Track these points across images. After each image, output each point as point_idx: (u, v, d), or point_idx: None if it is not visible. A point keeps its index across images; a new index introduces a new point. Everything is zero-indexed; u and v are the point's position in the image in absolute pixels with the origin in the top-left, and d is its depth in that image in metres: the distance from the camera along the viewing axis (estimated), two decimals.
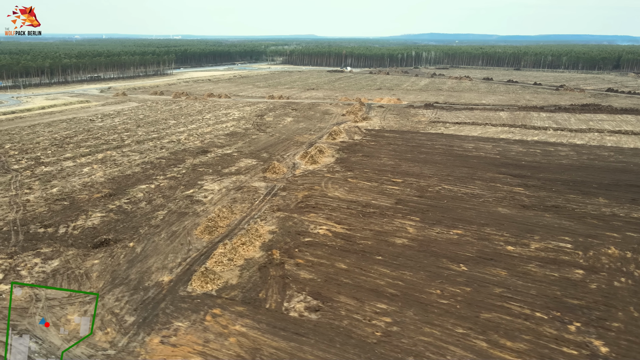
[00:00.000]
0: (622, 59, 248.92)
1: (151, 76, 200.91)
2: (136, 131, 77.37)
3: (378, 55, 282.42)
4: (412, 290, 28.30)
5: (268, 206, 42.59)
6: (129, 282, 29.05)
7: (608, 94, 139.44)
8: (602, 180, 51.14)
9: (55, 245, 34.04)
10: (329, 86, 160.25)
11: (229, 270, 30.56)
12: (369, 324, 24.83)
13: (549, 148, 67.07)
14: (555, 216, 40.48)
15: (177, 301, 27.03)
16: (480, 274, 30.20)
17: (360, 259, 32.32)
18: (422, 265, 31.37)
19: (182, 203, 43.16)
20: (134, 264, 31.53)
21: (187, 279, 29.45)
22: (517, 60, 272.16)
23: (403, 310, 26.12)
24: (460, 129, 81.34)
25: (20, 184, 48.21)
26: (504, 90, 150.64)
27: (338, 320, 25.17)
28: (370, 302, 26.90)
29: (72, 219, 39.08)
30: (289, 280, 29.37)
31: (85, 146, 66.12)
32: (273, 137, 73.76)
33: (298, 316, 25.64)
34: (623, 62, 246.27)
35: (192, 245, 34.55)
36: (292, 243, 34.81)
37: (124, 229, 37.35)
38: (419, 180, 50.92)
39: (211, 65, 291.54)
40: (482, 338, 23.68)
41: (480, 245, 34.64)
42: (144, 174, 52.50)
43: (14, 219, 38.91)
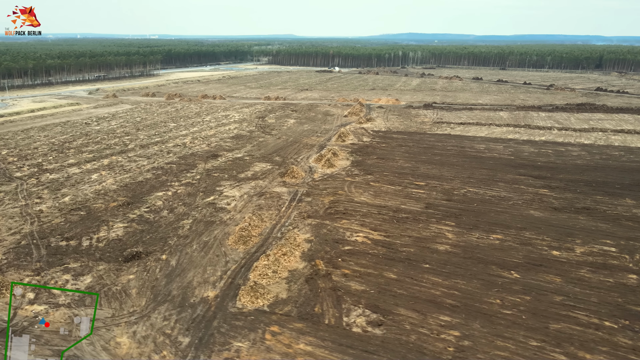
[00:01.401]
0: (604, 58, 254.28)
1: (137, 77, 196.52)
2: (137, 135, 74.86)
3: (365, 55, 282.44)
4: (471, 300, 27.33)
5: (296, 213, 41.18)
6: (173, 299, 27.36)
7: (598, 93, 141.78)
8: (622, 180, 51.21)
9: (82, 260, 32.03)
10: (321, 86, 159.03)
11: (275, 284, 29.11)
12: (439, 339, 23.74)
13: (560, 148, 67.21)
14: (589, 218, 40.12)
15: (229, 319, 25.48)
16: (535, 281, 29.44)
17: (407, 268, 31.23)
18: (472, 273, 30.45)
19: (205, 211, 41.41)
20: (172, 278, 29.81)
21: (234, 294, 27.91)
22: (502, 60, 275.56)
23: (468, 323, 25.11)
24: (467, 130, 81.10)
25: (29, 193, 45.70)
26: (496, 90, 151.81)
27: (405, 335, 24.01)
28: (432, 315, 25.82)
29: (94, 230, 37.00)
30: (341, 293, 28.08)
31: (87, 151, 63.48)
32: (281, 140, 72.20)
33: (362, 332, 24.39)
34: (605, 61, 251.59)
35: (229, 256, 32.95)
36: (332, 252, 33.52)
37: (151, 240, 35.49)
38: (442, 183, 50.14)
39: (196, 66, 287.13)
40: (559, 351, 22.82)
41: (525, 250, 33.93)
42: (157, 181, 50.45)
43: (31, 232, 36.65)
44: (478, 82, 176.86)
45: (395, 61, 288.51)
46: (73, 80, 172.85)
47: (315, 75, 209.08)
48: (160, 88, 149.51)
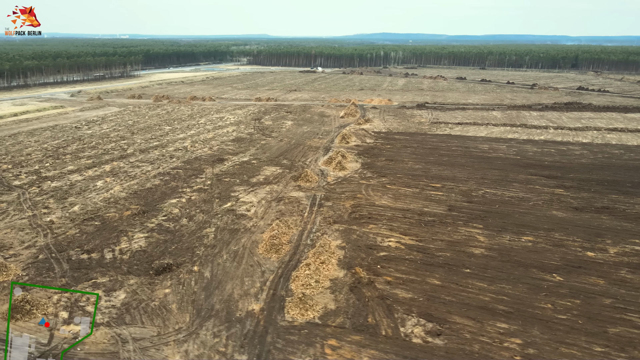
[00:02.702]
0: (579, 58, 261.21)
1: (117, 78, 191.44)
2: (133, 139, 72.46)
3: (347, 55, 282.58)
4: (522, 305, 26.98)
5: (320, 218, 40.25)
6: (218, 314, 26.10)
7: (581, 92, 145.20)
8: (631, 179, 52.11)
9: (110, 274, 30.37)
10: (309, 87, 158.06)
11: (320, 294, 28.15)
12: (502, 347, 23.26)
13: (561, 147, 68.16)
14: (611, 218, 40.51)
15: (282, 333, 24.42)
16: (579, 284, 29.34)
17: (449, 273, 30.73)
18: (516, 277, 30.16)
19: (226, 218, 40.05)
20: (211, 291, 28.51)
21: (280, 306, 26.84)
22: (481, 59, 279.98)
23: (527, 329, 24.73)
24: (466, 130, 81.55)
25: (33, 203, 43.39)
26: (482, 89, 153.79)
27: (468, 345, 23.45)
28: (488, 322, 25.34)
29: (114, 242, 35.26)
30: (390, 302, 27.34)
31: (85, 157, 60.97)
32: (283, 143, 71.01)
33: (423, 342, 23.71)
34: (580, 61, 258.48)
35: (263, 266, 31.80)
36: (369, 259, 32.76)
37: (177, 250, 34.00)
38: (458, 184, 49.99)
39: (175, 66, 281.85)
40: (624, 356, 22.62)
41: (559, 252, 33.89)
42: (167, 187, 48.71)
43: (47, 245, 34.64)
44: (463, 82, 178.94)
45: (377, 61, 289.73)
46: (51, 82, 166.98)
47: (300, 76, 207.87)
48: (145, 89, 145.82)
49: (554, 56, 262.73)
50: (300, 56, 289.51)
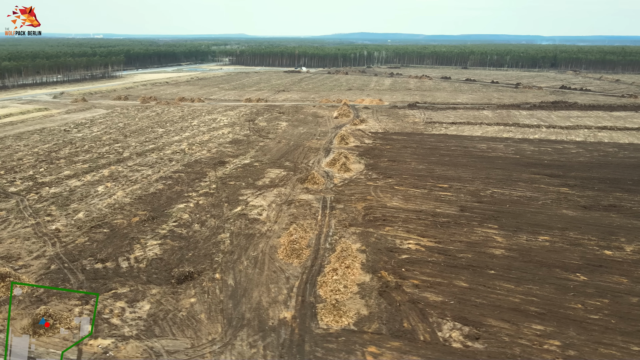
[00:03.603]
0: (558, 57, 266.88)
1: (99, 79, 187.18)
2: (127, 142, 70.69)
3: (331, 55, 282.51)
4: (553, 306, 27.06)
5: (335, 221, 39.80)
6: (250, 323, 25.41)
7: (564, 91, 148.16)
8: (631, 177, 53.16)
9: (129, 284, 29.34)
10: (297, 87, 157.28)
11: (350, 299, 27.72)
12: (543, 350, 23.23)
13: (557, 146, 69.23)
14: (620, 216, 41.18)
15: (320, 341, 23.91)
16: (604, 283, 29.63)
17: (474, 275, 30.68)
18: (541, 278, 30.28)
19: (239, 223, 39.24)
20: (238, 299, 27.78)
21: (312, 313, 26.32)
22: (463, 59, 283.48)
23: (563, 331, 24.79)
24: (461, 130, 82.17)
25: (35, 211, 41.76)
26: (468, 89, 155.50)
27: (508, 348, 23.34)
28: (523, 324, 25.31)
29: (127, 250, 34.13)
30: (422, 306, 27.09)
31: (80, 161, 59.15)
32: (282, 144, 70.27)
33: (463, 347, 23.51)
34: (559, 60, 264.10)
35: (287, 272, 31.19)
36: (391, 262, 32.47)
37: (195, 257, 33.10)
38: (464, 184, 50.18)
39: (156, 67, 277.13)
40: None
41: (578, 251, 34.22)
42: (171, 192, 47.54)
43: (57, 254, 33.31)
44: (448, 82, 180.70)
45: (361, 61, 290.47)
46: (30, 83, 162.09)
47: (286, 76, 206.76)
48: (130, 91, 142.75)
49: (533, 56, 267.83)
50: (283, 56, 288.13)
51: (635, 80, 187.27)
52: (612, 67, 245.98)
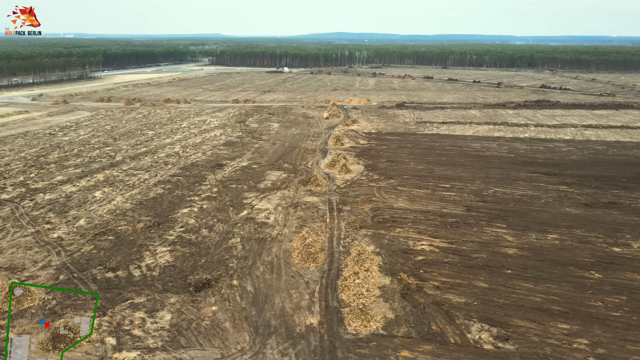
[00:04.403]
0: (535, 57, 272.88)
1: (77, 80, 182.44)
2: (117, 145, 68.97)
3: (313, 55, 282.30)
4: (574, 304, 27.41)
5: (344, 223, 39.55)
6: (277, 330, 24.93)
7: (545, 90, 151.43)
8: (624, 174, 54.53)
9: (145, 293, 28.46)
10: (282, 88, 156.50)
11: (374, 303, 27.51)
12: (573, 349, 23.47)
13: (548, 144, 70.59)
14: (621, 213, 42.14)
15: (351, 347, 23.61)
16: (619, 280, 30.19)
17: (492, 275, 30.86)
18: (558, 276, 30.66)
19: (248, 227, 38.61)
20: (260, 306, 27.24)
21: (338, 318, 26.00)
22: (443, 59, 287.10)
23: (588, 329, 25.10)
24: (452, 129, 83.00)
25: (32, 218, 40.22)
26: (451, 88, 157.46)
27: (539, 348, 23.50)
28: (549, 323, 25.54)
29: (137, 257, 33.15)
30: (446, 307, 27.08)
31: (71, 166, 57.36)
32: (277, 146, 69.65)
33: (495, 348, 23.55)
34: (536, 60, 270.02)
35: (305, 277, 30.79)
36: (408, 264, 32.42)
37: (208, 264, 32.38)
38: (466, 184, 50.61)
39: (134, 67, 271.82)
40: None
41: (588, 249, 34.83)
42: (172, 196, 46.50)
43: (63, 264, 32.11)
44: (431, 81, 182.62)
45: (342, 61, 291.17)
46: (5, 84, 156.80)
47: (269, 76, 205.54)
48: (111, 92, 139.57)
49: (511, 56, 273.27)
50: (265, 56, 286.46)
51: (610, 79, 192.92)
52: (586, 67, 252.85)
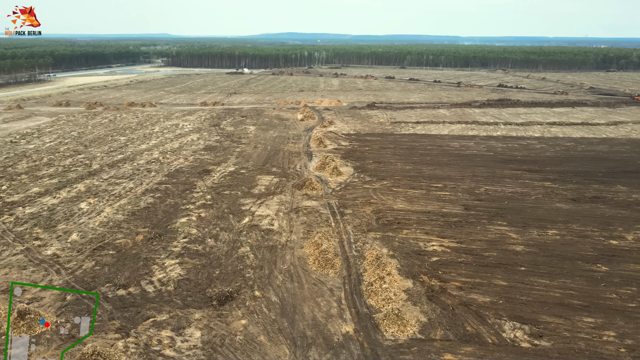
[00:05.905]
0: (487, 57, 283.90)
1: (25, 83, 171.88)
2: (90, 152, 65.43)
3: (272, 56, 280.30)
4: (591, 298, 28.55)
5: (350, 227, 39.36)
6: (315, 341, 24.37)
7: (503, 89, 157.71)
8: (598, 169, 57.59)
9: (165, 309, 27.07)
10: (247, 89, 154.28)
11: (404, 307, 27.47)
12: (604, 342, 24.40)
13: (521, 142, 73.48)
14: (607, 207, 44.44)
15: (394, 353, 23.45)
16: (625, 272, 31.75)
17: (508, 273, 31.62)
18: (569, 271, 31.85)
19: (255, 235, 37.62)
20: (291, 317, 26.55)
21: (372, 325, 25.78)
22: (400, 59, 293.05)
23: (611, 321, 26.20)
24: (428, 129, 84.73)
25: (18, 235, 37.34)
26: (415, 88, 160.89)
27: (573, 343, 24.27)
28: (575, 318, 26.45)
29: (146, 272, 31.49)
30: (474, 307, 27.47)
31: (45, 176, 53.81)
32: (259, 149, 68.46)
33: (532, 346, 24.10)
34: (489, 60, 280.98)
35: (327, 284, 30.34)
36: (425, 265, 32.67)
37: (223, 275, 31.25)
38: (457, 183, 51.72)
39: (85, 69, 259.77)
40: None
41: (588, 243, 36.43)
42: (165, 205, 44.61)
43: (67, 283, 30.01)
44: (394, 81, 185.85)
45: (302, 61, 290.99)
46: None
47: (230, 78, 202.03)
48: (67, 96, 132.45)
49: (465, 56, 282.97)
50: (223, 57, 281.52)
51: (558, 78, 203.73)
52: (535, 66, 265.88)
